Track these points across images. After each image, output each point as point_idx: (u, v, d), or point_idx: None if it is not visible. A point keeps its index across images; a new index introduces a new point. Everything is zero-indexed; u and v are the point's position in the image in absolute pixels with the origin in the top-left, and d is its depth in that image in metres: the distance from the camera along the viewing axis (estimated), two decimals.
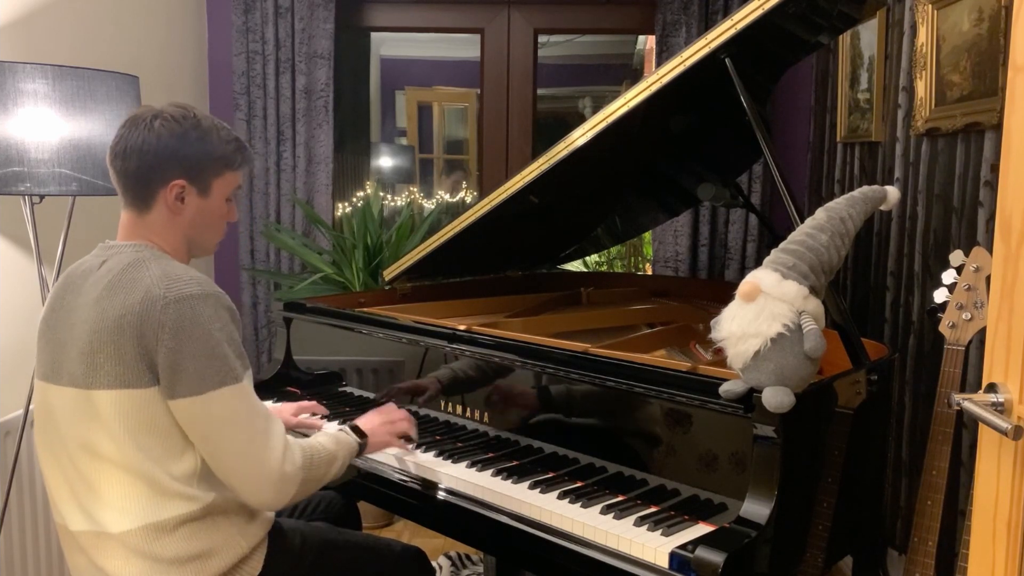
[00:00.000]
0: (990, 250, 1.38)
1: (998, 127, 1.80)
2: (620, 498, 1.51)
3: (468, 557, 2.85)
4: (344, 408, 2.06)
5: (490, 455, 1.73)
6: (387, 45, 5.85)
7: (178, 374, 1.31)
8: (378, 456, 1.75)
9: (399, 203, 5.14)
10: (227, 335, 1.36)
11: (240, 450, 1.35)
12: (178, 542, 1.35)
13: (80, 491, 1.38)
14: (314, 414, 1.96)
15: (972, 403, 0.95)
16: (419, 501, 1.69)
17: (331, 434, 1.58)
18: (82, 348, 1.35)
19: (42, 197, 2.09)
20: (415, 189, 5.63)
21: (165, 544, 1.35)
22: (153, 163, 1.40)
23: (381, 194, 3.48)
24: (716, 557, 1.25)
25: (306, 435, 1.72)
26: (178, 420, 1.34)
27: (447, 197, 5.68)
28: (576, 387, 1.64)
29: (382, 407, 1.77)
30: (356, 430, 1.64)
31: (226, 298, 1.39)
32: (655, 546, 1.33)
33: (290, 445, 1.42)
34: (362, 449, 1.63)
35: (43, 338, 1.45)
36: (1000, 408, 0.94)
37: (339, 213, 3.56)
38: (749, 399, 1.35)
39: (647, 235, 4.36)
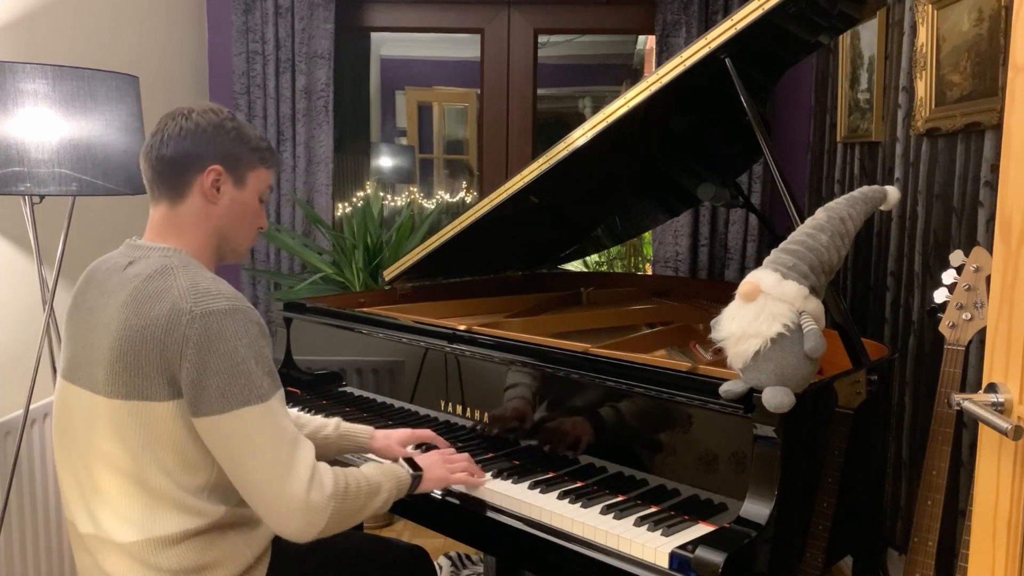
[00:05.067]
0: (990, 250, 1.38)
1: (998, 127, 1.80)
2: (620, 498, 1.51)
3: (468, 557, 2.85)
4: (344, 408, 2.06)
5: (490, 455, 1.73)
6: (387, 45, 5.85)
7: (201, 391, 1.27)
8: (378, 456, 1.74)
9: (399, 203, 5.14)
10: (255, 352, 1.30)
11: (262, 473, 1.29)
12: (182, 554, 1.34)
13: (89, 495, 1.37)
14: (426, 446, 1.76)
15: (972, 403, 0.95)
16: (419, 501, 1.68)
17: (382, 465, 1.50)
18: (103, 354, 1.32)
19: (42, 197, 2.09)
20: (415, 189, 5.63)
21: (169, 556, 1.33)
22: (190, 148, 1.39)
23: (381, 194, 3.49)
24: (716, 557, 1.25)
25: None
26: (203, 437, 1.31)
27: (447, 197, 5.68)
28: (576, 387, 1.64)
29: (442, 450, 1.68)
30: (411, 463, 1.55)
31: (255, 313, 1.34)
32: (655, 546, 1.33)
33: (320, 472, 1.34)
34: (416, 482, 1.52)
35: (66, 333, 1.44)
36: (1000, 408, 0.94)
37: (339, 213, 3.57)
38: (749, 399, 1.35)
39: (647, 235, 4.36)
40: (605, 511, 1.46)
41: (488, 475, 1.64)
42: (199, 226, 1.42)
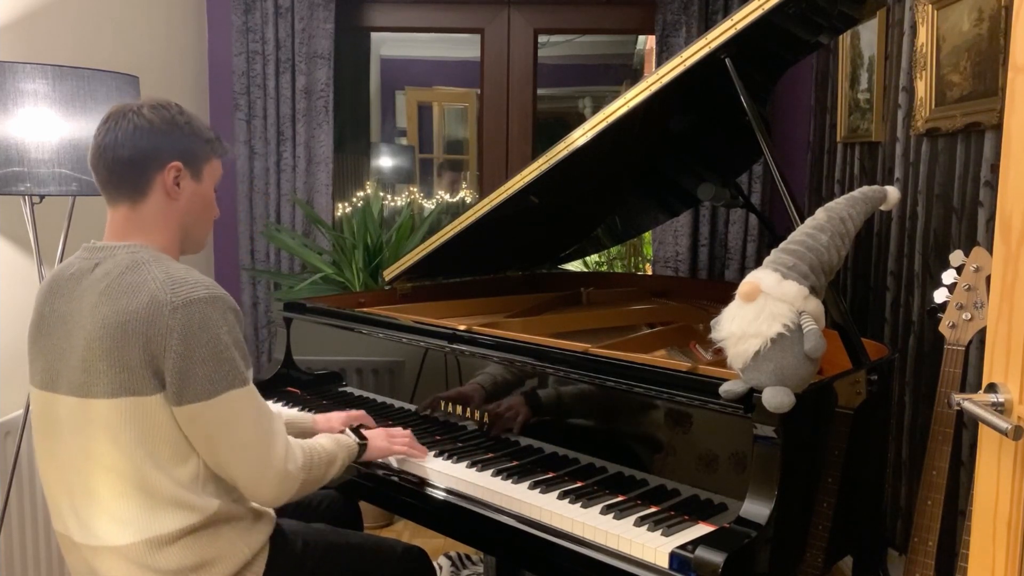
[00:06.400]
0: (990, 250, 1.38)
1: (998, 127, 1.80)
2: (620, 498, 1.51)
3: (468, 557, 2.85)
4: (344, 408, 2.06)
5: (490, 455, 1.73)
6: (387, 45, 5.85)
7: (187, 379, 1.30)
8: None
9: (399, 203, 5.14)
10: (234, 338, 1.35)
11: (245, 449, 1.36)
12: (179, 553, 1.34)
13: (81, 503, 1.37)
14: (362, 426, 1.87)
15: (972, 403, 0.95)
16: (419, 501, 1.69)
17: (331, 436, 1.61)
18: (83, 355, 1.32)
19: (42, 197, 2.09)
20: (415, 189, 5.63)
21: (167, 556, 1.34)
22: (148, 148, 1.38)
23: (381, 194, 3.49)
24: (716, 557, 1.25)
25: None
26: (181, 424, 1.33)
27: (447, 197, 5.68)
28: (576, 387, 1.64)
29: (387, 428, 1.79)
30: (357, 433, 1.67)
31: (231, 299, 1.37)
32: (655, 546, 1.33)
33: (291, 445, 1.44)
34: (362, 450, 1.66)
35: (35, 345, 1.43)
36: (1000, 408, 0.94)
37: (339, 213, 3.57)
38: (749, 399, 1.35)
39: (647, 235, 4.36)
40: (605, 511, 1.46)
41: (431, 454, 1.74)
42: (164, 223, 1.43)
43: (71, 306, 1.37)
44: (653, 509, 1.46)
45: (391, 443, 1.72)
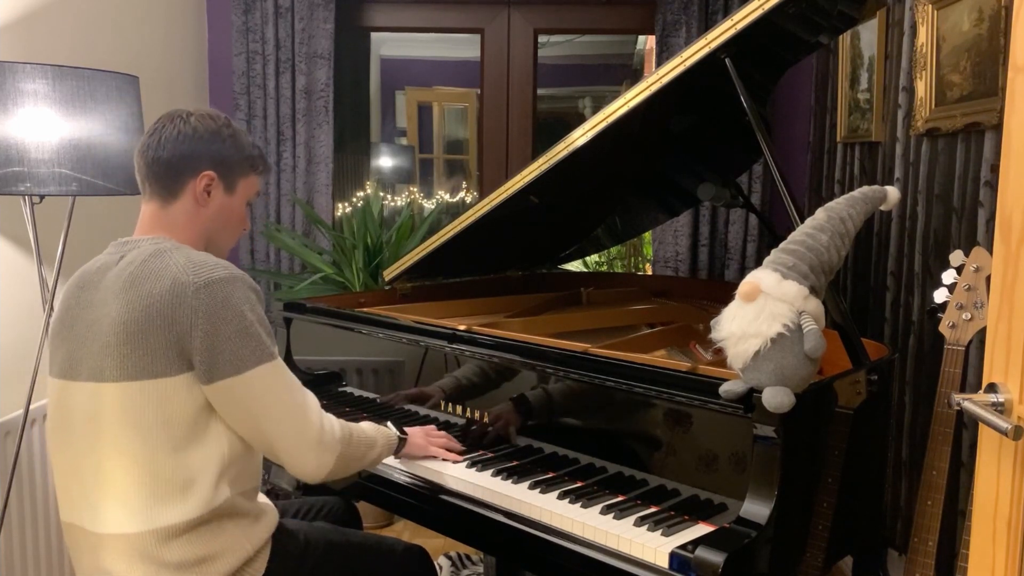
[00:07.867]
0: (990, 250, 1.38)
1: (998, 127, 1.80)
2: (620, 498, 1.51)
3: (468, 557, 2.85)
4: (344, 408, 2.06)
5: (490, 455, 1.73)
6: (387, 45, 5.85)
7: (216, 357, 1.33)
8: None
9: (399, 203, 5.14)
10: (257, 315, 1.39)
11: (281, 422, 1.39)
12: (184, 546, 1.36)
13: (91, 490, 1.38)
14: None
15: (972, 403, 0.95)
16: (419, 501, 1.69)
17: (373, 424, 1.65)
18: (106, 341, 1.35)
19: (42, 197, 2.09)
20: (415, 189, 5.63)
21: (171, 548, 1.35)
22: (186, 153, 1.45)
23: (381, 194, 3.48)
24: (716, 557, 1.25)
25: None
26: (215, 403, 1.36)
27: (447, 197, 5.68)
28: (576, 387, 1.64)
29: (425, 426, 1.81)
30: (399, 428, 1.70)
31: (250, 279, 1.42)
32: (655, 546, 1.33)
33: (327, 416, 1.48)
34: (401, 444, 1.69)
35: (58, 336, 1.44)
36: (1000, 408, 0.94)
37: (339, 213, 3.56)
38: (749, 399, 1.35)
39: (647, 235, 4.36)
40: (605, 511, 1.46)
41: (463, 464, 1.72)
42: (188, 226, 1.49)
43: (97, 296, 1.41)
44: (653, 509, 1.46)
45: (428, 443, 1.74)
